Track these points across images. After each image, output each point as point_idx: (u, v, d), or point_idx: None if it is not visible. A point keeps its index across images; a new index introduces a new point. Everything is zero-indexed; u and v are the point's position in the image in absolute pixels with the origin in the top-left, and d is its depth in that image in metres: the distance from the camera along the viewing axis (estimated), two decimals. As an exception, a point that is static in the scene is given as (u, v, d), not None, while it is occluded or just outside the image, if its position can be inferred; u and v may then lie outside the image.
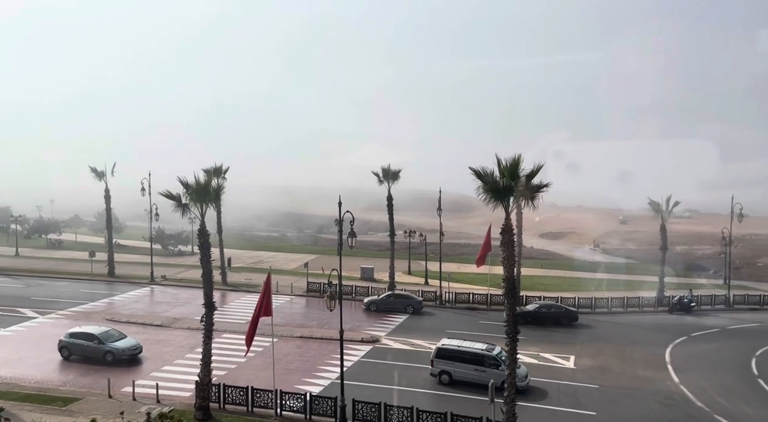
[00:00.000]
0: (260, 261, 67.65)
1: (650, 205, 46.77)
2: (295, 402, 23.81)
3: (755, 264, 71.36)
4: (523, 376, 26.75)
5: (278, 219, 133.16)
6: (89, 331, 31.23)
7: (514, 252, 20.48)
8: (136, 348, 30.95)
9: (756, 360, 32.13)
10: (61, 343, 30.93)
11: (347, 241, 25.02)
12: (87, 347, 30.43)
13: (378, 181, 49.05)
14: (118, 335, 31.49)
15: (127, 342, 31.08)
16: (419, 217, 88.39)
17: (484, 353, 27.53)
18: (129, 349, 30.59)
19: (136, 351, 30.91)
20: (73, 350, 30.51)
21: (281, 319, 39.09)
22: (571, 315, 40.65)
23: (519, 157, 19.86)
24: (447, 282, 47.99)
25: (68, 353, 30.63)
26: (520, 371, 26.49)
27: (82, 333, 31.02)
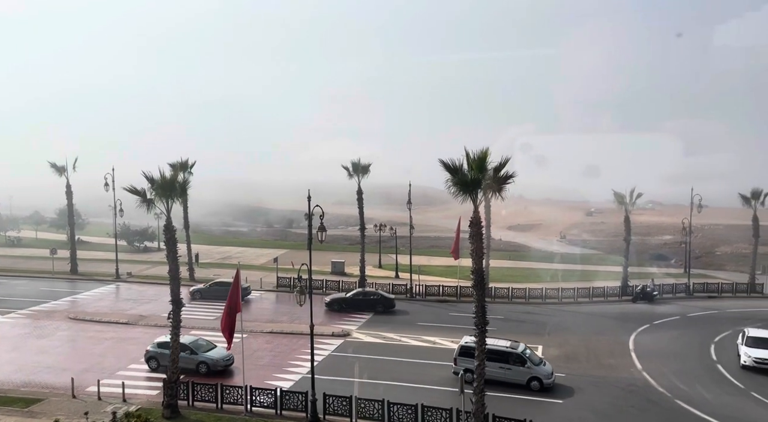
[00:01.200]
0: (229, 257, 66.84)
1: (615, 197, 47.90)
2: (266, 398, 23.65)
3: (714, 253, 73.85)
4: (549, 374, 26.52)
5: (247, 214, 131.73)
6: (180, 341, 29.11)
7: (483, 244, 20.68)
8: (230, 359, 28.46)
9: (714, 346, 33.25)
10: (148, 353, 28.51)
11: (317, 236, 24.86)
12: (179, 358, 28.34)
13: (348, 174, 48.90)
14: (206, 344, 29.00)
15: (220, 352, 28.56)
16: (389, 211, 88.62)
17: (509, 350, 26.87)
18: (223, 360, 28.20)
19: (230, 361, 28.45)
20: (163, 360, 27.35)
21: (250, 315, 38.77)
22: (387, 302, 40.95)
23: (487, 150, 20.04)
24: (417, 275, 48.26)
25: (156, 364, 28.08)
26: (545, 368, 26.79)
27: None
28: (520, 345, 27.54)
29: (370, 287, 45.85)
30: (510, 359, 26.58)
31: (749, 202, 48.42)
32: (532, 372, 26.25)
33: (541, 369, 26.53)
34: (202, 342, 29.14)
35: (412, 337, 34.55)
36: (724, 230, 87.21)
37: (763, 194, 48.05)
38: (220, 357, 28.32)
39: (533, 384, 26.15)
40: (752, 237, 49.93)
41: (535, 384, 26.14)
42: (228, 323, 23.48)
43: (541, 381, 26.14)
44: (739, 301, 45.80)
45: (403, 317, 39.78)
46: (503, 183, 20.14)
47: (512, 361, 26.54)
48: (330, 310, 41.00)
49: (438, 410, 21.86)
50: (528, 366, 26.36)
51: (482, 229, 20.70)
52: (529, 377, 26.22)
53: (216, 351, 28.70)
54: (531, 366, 26.36)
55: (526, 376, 26.26)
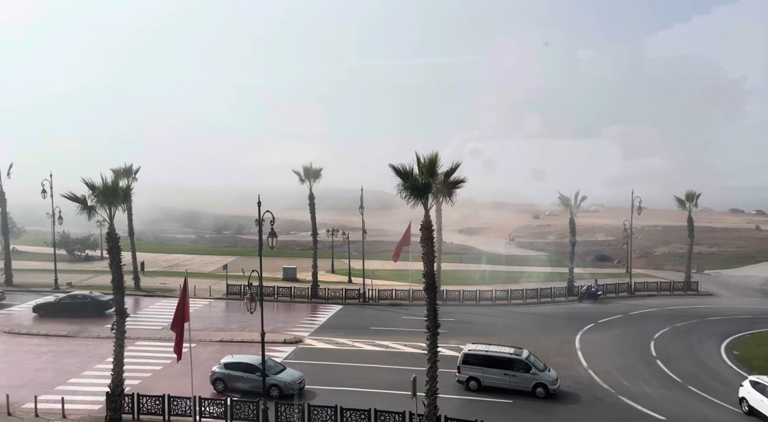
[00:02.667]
0: (176, 265, 65.01)
1: (560, 200, 49.42)
2: (216, 408, 23.11)
3: (653, 253, 77.21)
4: (554, 379, 26.22)
5: (195, 220, 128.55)
6: (248, 361, 26.66)
7: (434, 248, 20.93)
8: (302, 381, 26.61)
9: (654, 342, 34.73)
10: (214, 375, 26.60)
11: (268, 241, 24.53)
12: (248, 380, 25.90)
13: (299, 179, 48.51)
14: (275, 365, 27.05)
15: (292, 374, 26.81)
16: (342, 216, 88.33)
17: (513, 357, 26.46)
18: (296, 382, 26.25)
19: (302, 384, 26.51)
20: (231, 383, 26.19)
21: (199, 324, 37.80)
22: (99, 305, 40.02)
23: (436, 154, 20.33)
24: (370, 279, 48.32)
25: (223, 386, 26.32)
26: (550, 374, 26.43)
27: (241, 364, 26.52)
28: (524, 352, 27.11)
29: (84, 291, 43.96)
30: (514, 366, 26.22)
31: (684, 204, 50.90)
32: (536, 379, 25.92)
33: (545, 375, 26.19)
34: (270, 362, 26.72)
35: (365, 342, 34.52)
36: (662, 231, 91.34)
37: (696, 196, 50.63)
38: (293, 379, 26.28)
39: (538, 390, 25.81)
40: (687, 238, 52.48)
41: (540, 390, 25.79)
42: (176, 333, 22.85)
43: (546, 387, 25.81)
44: (677, 299, 48.02)
45: (356, 322, 39.73)
46: (454, 187, 20.48)
47: (516, 368, 26.17)
48: (39, 316, 39.45)
49: (391, 414, 21.92)
50: (533, 373, 25.99)
51: (433, 233, 20.96)
52: (534, 383, 25.90)
53: (287, 372, 26.71)
54: (536, 373, 26.04)
55: (531, 383, 25.93)
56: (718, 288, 52.51)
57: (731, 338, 35.39)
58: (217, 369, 26.87)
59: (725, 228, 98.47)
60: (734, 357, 31.83)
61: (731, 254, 74.33)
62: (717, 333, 36.58)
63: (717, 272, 61.75)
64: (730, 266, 65.89)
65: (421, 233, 20.71)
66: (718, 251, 76.56)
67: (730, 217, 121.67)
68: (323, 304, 45.62)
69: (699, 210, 54.14)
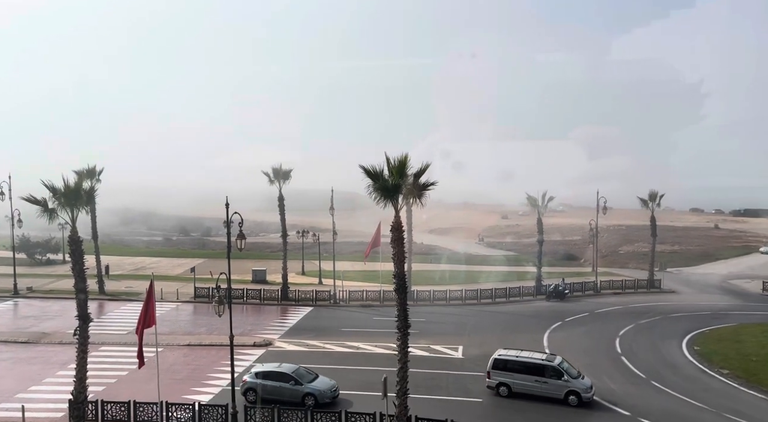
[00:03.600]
0: (142, 268, 63.68)
1: (528, 200, 50.19)
2: (183, 413, 22.72)
3: (618, 252, 79.00)
4: (587, 387, 25.40)
5: (162, 222, 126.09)
6: (281, 370, 25.85)
7: (404, 248, 21.01)
8: (336, 389, 25.81)
9: (619, 339, 35.55)
10: (246, 385, 25.56)
11: (236, 243, 24.23)
12: (282, 389, 25.21)
13: (269, 180, 48.10)
14: (307, 373, 26.25)
15: (325, 382, 25.98)
16: (312, 217, 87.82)
17: (544, 363, 25.89)
18: (330, 390, 25.47)
19: (336, 392, 25.70)
20: (264, 392, 25.15)
21: (166, 328, 37.10)
22: None
23: (406, 156, 20.42)
24: (341, 280, 48.19)
25: (255, 396, 25.16)
26: (584, 381, 25.68)
27: (274, 373, 25.70)
28: (557, 358, 26.51)
29: None
30: (546, 372, 25.58)
31: (647, 204, 52.25)
32: (569, 386, 25.21)
33: (578, 383, 25.45)
34: (302, 371, 26.19)
35: (336, 344, 34.42)
36: (626, 230, 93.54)
37: (658, 196, 52.05)
38: (327, 387, 25.56)
39: (571, 398, 25.10)
40: (650, 237, 53.89)
41: (572, 398, 25.09)
42: (139, 338, 22.35)
43: (580, 395, 25.06)
44: (641, 296, 49.26)
45: (327, 323, 39.56)
46: (424, 189, 20.59)
47: (548, 374, 25.51)
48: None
49: (362, 415, 21.90)
50: (565, 380, 25.31)
51: (403, 234, 21.03)
52: (567, 391, 25.23)
53: (321, 381, 25.97)
54: (568, 380, 25.35)
55: (563, 390, 25.28)
56: (679, 285, 54.05)
57: (692, 334, 36.46)
58: (248, 378, 25.78)
59: (686, 227, 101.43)
60: (695, 353, 32.80)
61: (692, 252, 76.61)
62: (679, 329, 37.64)
63: (679, 270, 63.59)
64: (691, 264, 67.91)
65: (391, 234, 20.76)
66: (680, 249, 78.81)
67: (690, 217, 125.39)
68: (293, 306, 45.32)
69: (661, 209, 55.55)
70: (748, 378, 28.41)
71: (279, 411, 22.26)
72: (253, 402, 24.63)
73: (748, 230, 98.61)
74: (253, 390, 25.38)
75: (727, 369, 29.89)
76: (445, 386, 27.61)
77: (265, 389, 25.26)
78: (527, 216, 66.92)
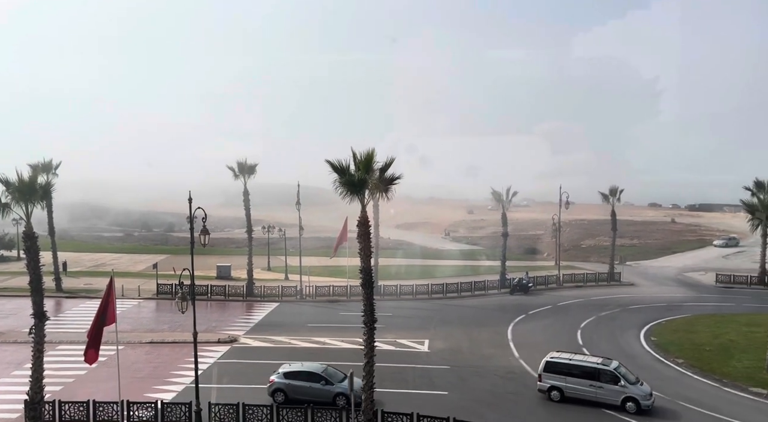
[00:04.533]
0: (102, 264, 62.09)
1: (493, 195, 50.86)
2: (145, 412, 22.28)
3: (580, 246, 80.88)
4: (647, 394, 24.17)
5: (124, 217, 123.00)
6: (311, 370, 25.16)
7: (371, 243, 21.02)
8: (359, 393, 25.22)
9: (581, 331, 36.42)
10: (274, 385, 24.74)
11: (200, 239, 23.84)
12: (312, 389, 24.44)
13: (233, 175, 47.42)
14: (335, 372, 25.50)
15: (356, 381, 24.65)
16: (278, 212, 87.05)
17: (600, 367, 24.70)
18: (358, 391, 24.48)
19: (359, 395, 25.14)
20: (293, 393, 24.41)
21: (128, 325, 36.31)
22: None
23: (373, 150, 20.42)
24: (308, 276, 47.95)
25: (284, 397, 24.42)
26: (643, 388, 24.51)
27: (303, 373, 24.93)
28: (613, 362, 25.41)
29: None
30: (601, 377, 24.41)
31: (608, 199, 53.58)
32: (626, 392, 23.99)
33: (637, 389, 24.20)
34: (331, 370, 25.56)
35: (302, 339, 34.28)
36: (587, 225, 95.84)
37: (618, 191, 53.42)
38: (358, 386, 24.60)
39: (629, 405, 23.83)
40: (611, 231, 55.31)
41: (630, 405, 23.80)
42: (94, 335, 21.73)
43: (638, 402, 23.78)
44: (601, 289, 50.56)
45: (293, 319, 39.33)
46: (390, 183, 20.62)
47: (604, 379, 24.35)
48: None
49: (328, 409, 21.90)
50: (622, 385, 24.07)
51: (370, 229, 21.04)
52: (624, 397, 23.98)
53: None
54: (625, 385, 24.11)
55: (619, 396, 24.02)
56: (638, 278, 55.68)
57: (649, 325, 37.64)
58: (276, 378, 24.94)
59: (645, 221, 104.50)
60: (652, 343, 33.87)
61: (650, 246, 79.04)
62: (637, 320, 38.79)
63: (637, 263, 65.50)
64: (650, 257, 70.05)
65: (358, 229, 20.75)
66: (639, 243, 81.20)
67: (649, 211, 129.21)
68: (259, 302, 44.91)
69: (621, 204, 57.12)
70: (702, 367, 29.51)
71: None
72: (282, 403, 23.81)
73: (702, 224, 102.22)
74: (281, 391, 24.61)
75: (681, 358, 30.97)
76: (412, 379, 27.83)
77: (295, 389, 24.49)
78: (493, 211, 67.83)
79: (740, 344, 32.67)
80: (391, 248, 73.35)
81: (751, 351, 31.15)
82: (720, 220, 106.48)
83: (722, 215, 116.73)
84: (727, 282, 51.84)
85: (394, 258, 66.40)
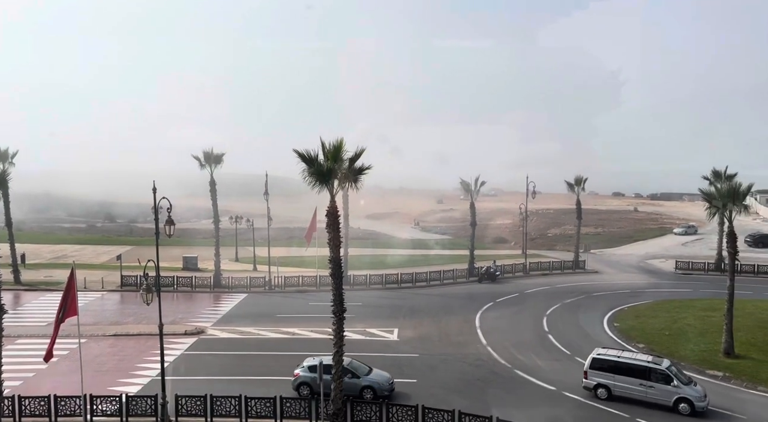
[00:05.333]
0: (63, 256, 60.41)
1: (461, 185, 51.23)
2: (109, 406, 21.86)
3: (546, 235, 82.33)
4: (701, 396, 23.20)
5: (85, 208, 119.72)
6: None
7: (340, 234, 20.96)
8: (393, 382, 24.86)
9: (546, 318, 37.16)
10: (299, 379, 24.45)
11: (165, 229, 23.36)
12: None
13: (199, 164, 46.58)
14: (360, 366, 25.14)
15: (381, 374, 25.10)
16: (247, 202, 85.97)
17: (650, 366, 23.85)
18: (388, 383, 24.52)
19: (393, 385, 24.73)
20: (318, 387, 23.17)
21: (90, 318, 35.49)
22: None
23: (341, 140, 20.29)
24: (276, 267, 47.59)
25: (309, 390, 24.18)
26: (696, 389, 23.61)
27: (328, 366, 23.27)
28: (664, 361, 24.62)
29: None
30: (652, 376, 23.58)
31: (573, 188, 54.53)
32: (679, 392, 23.07)
33: (690, 390, 23.30)
34: (356, 363, 25.20)
35: (271, 330, 34.09)
36: (554, 214, 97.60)
37: (583, 181, 54.40)
38: (384, 380, 24.73)
39: (682, 406, 22.91)
40: (576, 220, 56.39)
41: (684, 406, 22.89)
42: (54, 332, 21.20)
43: (693, 403, 22.84)
44: (567, 277, 51.61)
45: (261, 310, 39.03)
46: (359, 173, 20.56)
47: (655, 378, 23.51)
48: None
49: (297, 400, 21.88)
50: (675, 385, 23.18)
51: (339, 219, 20.96)
52: (677, 398, 23.06)
53: (377, 373, 25.14)
54: (678, 386, 23.21)
55: (672, 397, 23.11)
56: (602, 266, 57.02)
57: (613, 311, 38.64)
58: (301, 372, 24.68)
59: (609, 210, 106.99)
60: (615, 329, 34.80)
61: (614, 234, 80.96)
62: (600, 307, 39.76)
63: (601, 251, 67.02)
64: (613, 245, 71.74)
65: (327, 219, 20.64)
66: (603, 232, 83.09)
67: (613, 200, 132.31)
68: (227, 293, 44.43)
69: (586, 193, 58.31)
70: (662, 351, 30.39)
71: (212, 399, 21.79)
72: (306, 398, 23.37)
73: (663, 213, 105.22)
74: (306, 385, 24.38)
75: (643, 343, 31.92)
76: (381, 368, 27.91)
77: (315, 383, 23.56)
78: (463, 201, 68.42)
79: (697, 328, 33.83)
80: (360, 238, 73.33)
81: (707, 334, 32.31)
82: (680, 209, 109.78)
83: (682, 204, 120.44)
84: (685, 269, 53.55)
85: (364, 248, 66.47)
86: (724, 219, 32.08)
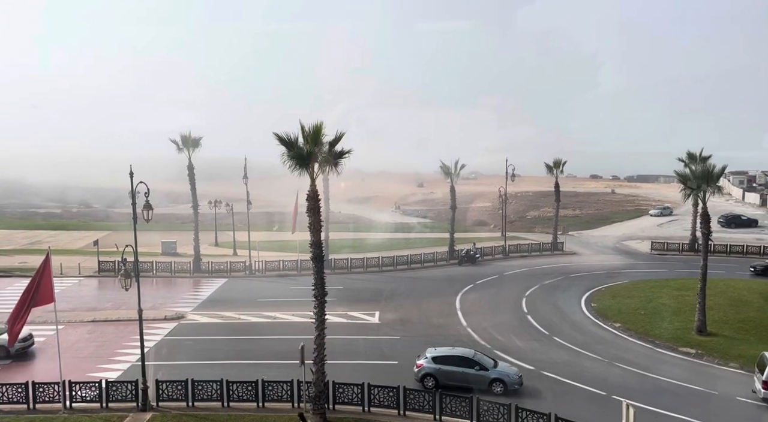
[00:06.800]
0: (38, 242, 59.29)
1: (441, 168, 51.33)
2: (89, 392, 21.69)
3: (525, 217, 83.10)
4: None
5: (61, 193, 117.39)
6: (462, 355, 24.08)
7: (320, 217, 20.89)
8: (521, 376, 23.94)
9: (525, 299, 37.69)
10: (423, 370, 23.64)
11: (142, 214, 23.06)
12: (466, 375, 23.30)
13: (177, 148, 45.91)
14: (482, 357, 24.44)
15: (508, 367, 24.54)
16: (226, 187, 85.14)
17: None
18: (517, 376, 23.71)
19: (521, 379, 23.74)
20: (444, 379, 23.36)
21: (67, 304, 35.04)
22: None
23: (321, 123, 20.09)
24: (257, 251, 47.37)
25: (434, 382, 23.37)
26: None
27: (455, 358, 23.78)
28: None
29: None
30: None
31: (552, 171, 55.04)
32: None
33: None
34: (480, 355, 24.65)
35: (252, 314, 34.04)
36: (533, 196, 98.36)
37: (562, 163, 54.93)
38: (513, 372, 24.02)
39: None
40: (554, 202, 57.04)
41: None
42: (18, 315, 20.86)
43: None
44: (545, 258, 52.31)
45: (242, 295, 38.92)
46: (339, 157, 20.44)
47: None
48: None
49: (279, 383, 21.95)
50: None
51: (320, 203, 20.88)
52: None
53: (503, 366, 24.43)
54: None
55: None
56: (579, 247, 57.87)
57: (590, 292, 39.33)
58: (425, 363, 23.90)
59: (587, 192, 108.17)
60: (592, 309, 35.47)
61: (591, 216, 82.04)
62: (578, 288, 40.46)
63: (579, 233, 67.98)
64: (590, 227, 72.75)
65: (307, 203, 20.55)
66: (581, 214, 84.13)
67: (590, 183, 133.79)
68: (207, 278, 44.18)
69: (565, 176, 58.93)
70: (637, 330, 31.21)
71: (193, 384, 21.75)
72: (431, 389, 22.79)
73: (640, 194, 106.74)
74: (431, 376, 23.66)
75: (619, 322, 32.62)
76: (362, 351, 28.19)
77: (447, 375, 23.59)
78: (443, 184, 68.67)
79: (671, 307, 34.64)
80: (341, 222, 73.27)
81: (681, 313, 33.11)
82: (656, 190, 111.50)
83: (658, 186, 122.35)
84: (661, 249, 54.63)
85: (345, 232, 66.47)
86: (699, 200, 32.73)
